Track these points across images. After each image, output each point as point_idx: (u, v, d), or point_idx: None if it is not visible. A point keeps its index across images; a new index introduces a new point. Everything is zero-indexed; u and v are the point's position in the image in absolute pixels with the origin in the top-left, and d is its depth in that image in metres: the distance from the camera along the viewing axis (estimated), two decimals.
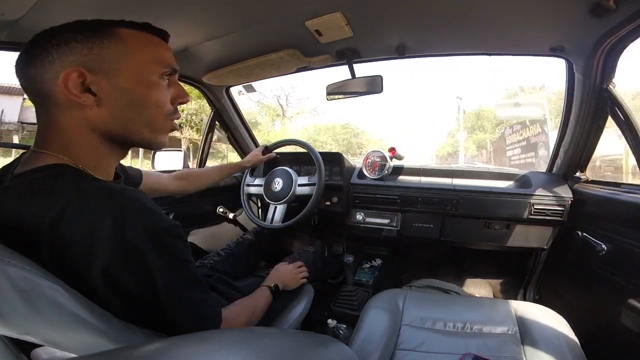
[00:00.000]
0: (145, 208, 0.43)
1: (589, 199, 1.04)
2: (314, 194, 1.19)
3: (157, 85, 0.48)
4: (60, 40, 0.42)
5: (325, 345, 0.36)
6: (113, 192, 0.42)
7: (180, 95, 0.51)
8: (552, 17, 0.80)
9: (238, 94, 1.51)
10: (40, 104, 0.45)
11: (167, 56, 0.49)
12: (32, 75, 0.43)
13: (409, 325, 0.85)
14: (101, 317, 0.38)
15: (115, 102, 0.45)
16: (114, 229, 0.39)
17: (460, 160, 16.94)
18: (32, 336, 0.36)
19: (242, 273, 0.99)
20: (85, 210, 0.39)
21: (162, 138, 0.51)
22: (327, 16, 0.82)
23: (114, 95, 0.45)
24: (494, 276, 1.54)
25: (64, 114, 0.44)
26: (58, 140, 0.44)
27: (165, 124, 0.50)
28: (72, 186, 0.41)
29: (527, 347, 0.75)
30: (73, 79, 0.41)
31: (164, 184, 0.92)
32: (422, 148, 23.73)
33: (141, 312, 0.43)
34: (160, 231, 0.43)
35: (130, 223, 0.40)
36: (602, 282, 0.91)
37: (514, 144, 12.77)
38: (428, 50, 1.07)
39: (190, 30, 0.89)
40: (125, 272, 0.40)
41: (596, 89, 0.92)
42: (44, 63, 0.42)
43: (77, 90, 0.42)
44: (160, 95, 0.48)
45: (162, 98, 0.48)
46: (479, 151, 18.94)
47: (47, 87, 0.42)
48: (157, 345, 0.28)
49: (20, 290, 0.32)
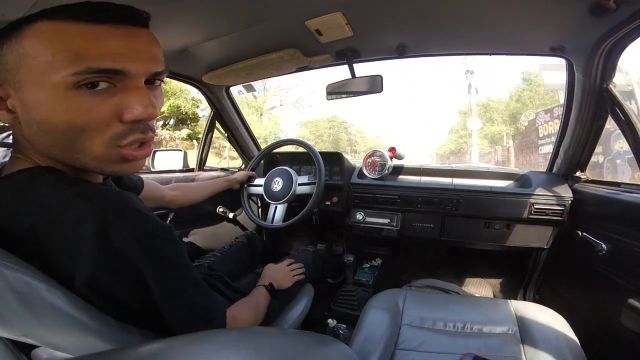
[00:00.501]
0: (132, 209, 0.38)
1: (589, 199, 1.04)
2: (314, 193, 1.19)
3: (69, 98, 0.34)
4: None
5: (325, 345, 0.36)
6: (94, 193, 0.37)
7: (126, 105, 0.36)
8: (552, 17, 0.79)
9: (238, 94, 1.50)
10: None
11: (94, 47, 0.33)
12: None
13: (409, 325, 0.85)
14: (98, 319, 0.38)
15: (27, 124, 0.36)
16: (98, 234, 0.35)
17: (473, 158, 13.79)
18: (30, 338, 0.36)
19: (238, 274, 0.99)
20: (64, 214, 0.35)
21: (117, 168, 0.39)
22: (327, 16, 0.82)
23: (24, 114, 0.36)
24: (494, 276, 1.54)
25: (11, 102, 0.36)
26: (25, 145, 0.40)
27: (110, 152, 0.38)
28: (47, 190, 0.37)
29: (527, 347, 0.75)
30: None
31: (160, 195, 0.92)
32: (419, 148, 23.34)
33: (139, 318, 0.41)
34: (150, 234, 0.39)
35: (116, 227, 0.35)
36: (602, 282, 0.91)
37: (552, 137, 8.64)
38: (428, 50, 1.07)
39: (190, 30, 0.89)
40: (114, 281, 0.37)
41: (596, 89, 0.92)
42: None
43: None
44: (78, 112, 0.34)
45: (85, 116, 0.35)
46: (492, 147, 15.72)
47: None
48: (157, 345, 0.28)
49: (18, 292, 0.32)
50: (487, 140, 15.98)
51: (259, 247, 1.17)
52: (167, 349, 0.27)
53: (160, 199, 0.92)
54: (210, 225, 1.45)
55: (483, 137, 15.77)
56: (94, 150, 0.37)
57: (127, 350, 0.29)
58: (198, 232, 1.37)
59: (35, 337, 0.36)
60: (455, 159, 18.43)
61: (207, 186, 1.16)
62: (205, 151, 1.49)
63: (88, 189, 0.38)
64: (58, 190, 0.37)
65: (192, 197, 1.07)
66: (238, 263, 1.05)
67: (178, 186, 1.05)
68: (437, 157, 20.49)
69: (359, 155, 14.83)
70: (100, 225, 0.34)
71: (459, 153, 18.38)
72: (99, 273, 0.35)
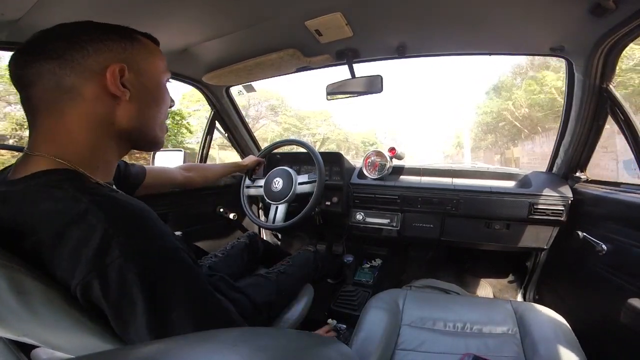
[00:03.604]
0: (142, 227, 0.40)
1: (589, 199, 1.04)
2: (315, 191, 1.19)
3: (166, 89, 0.53)
4: (94, 36, 0.43)
5: (325, 345, 0.36)
6: (109, 205, 0.39)
7: (172, 99, 0.56)
8: (552, 17, 0.80)
9: (238, 94, 1.50)
10: (47, 101, 0.42)
11: (166, 65, 0.54)
12: (50, 68, 0.41)
13: (409, 325, 0.85)
14: (98, 320, 0.38)
15: (142, 99, 0.48)
16: (100, 244, 0.36)
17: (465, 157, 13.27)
18: (31, 338, 0.36)
19: (239, 274, 0.99)
20: (78, 222, 0.37)
21: (163, 138, 0.54)
22: (327, 16, 0.82)
23: (142, 93, 0.48)
24: (494, 276, 1.54)
25: (85, 109, 0.43)
26: (60, 141, 0.43)
27: (165, 125, 0.55)
28: (68, 195, 0.39)
29: (527, 347, 0.75)
30: (115, 74, 0.44)
31: (171, 176, 0.94)
32: (421, 148, 23.00)
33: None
34: (155, 256, 0.39)
35: (117, 243, 0.36)
36: (602, 282, 0.91)
37: None
38: (428, 50, 1.07)
39: (190, 30, 0.89)
40: (100, 295, 0.36)
41: (596, 89, 0.92)
42: (75, 57, 0.42)
43: (117, 84, 0.44)
44: (168, 97, 0.53)
45: (168, 101, 0.53)
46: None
47: (71, 80, 0.42)
48: (157, 345, 0.28)
49: (18, 292, 0.32)
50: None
51: (260, 248, 1.17)
52: (167, 349, 0.27)
53: (171, 181, 0.93)
54: (210, 226, 1.45)
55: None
56: (164, 121, 0.53)
57: (127, 350, 0.29)
58: (198, 233, 1.37)
59: (36, 337, 0.36)
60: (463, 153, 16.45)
61: (219, 168, 1.19)
62: (205, 151, 1.49)
63: (108, 199, 0.40)
64: (77, 199, 0.39)
65: (209, 177, 1.10)
66: (239, 264, 1.05)
67: (192, 167, 1.06)
68: (443, 156, 19.14)
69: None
70: (104, 240, 0.36)
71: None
72: (90, 283, 0.35)
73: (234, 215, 1.50)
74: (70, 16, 0.46)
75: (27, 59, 0.42)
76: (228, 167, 1.22)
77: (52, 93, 0.42)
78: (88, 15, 0.46)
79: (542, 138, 11.72)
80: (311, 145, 1.31)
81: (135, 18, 0.75)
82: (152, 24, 0.80)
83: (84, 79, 0.42)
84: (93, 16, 0.46)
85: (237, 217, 1.52)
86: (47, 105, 0.43)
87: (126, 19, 0.70)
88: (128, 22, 0.49)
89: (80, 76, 0.42)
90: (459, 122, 13.92)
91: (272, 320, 0.84)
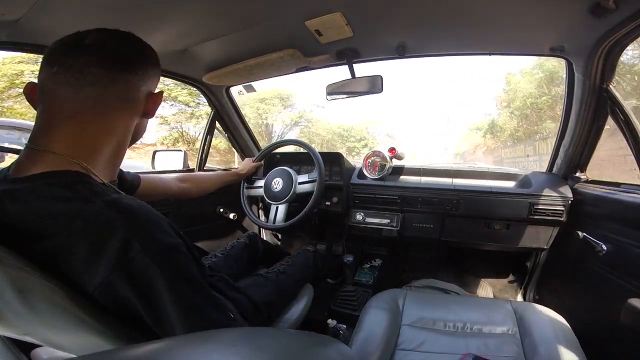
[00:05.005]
0: (154, 222, 0.42)
1: (589, 199, 1.04)
2: (315, 190, 1.19)
3: None
4: (154, 61, 0.51)
5: (325, 345, 0.36)
6: (121, 206, 0.41)
7: None
8: (552, 17, 0.80)
9: (238, 94, 1.51)
10: (92, 105, 0.44)
11: None
12: (130, 79, 0.47)
13: (409, 325, 0.85)
14: (101, 319, 0.38)
15: (150, 115, 0.53)
16: (121, 244, 0.38)
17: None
18: (32, 337, 0.36)
19: (239, 274, 0.99)
20: (96, 224, 0.39)
21: None
22: (327, 16, 0.82)
23: (152, 110, 0.53)
24: (494, 276, 1.54)
25: (127, 120, 0.49)
26: (82, 143, 0.44)
27: None
28: (80, 196, 0.40)
29: (527, 347, 0.76)
30: (161, 99, 0.52)
31: (166, 186, 0.92)
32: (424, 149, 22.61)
33: (146, 326, 0.41)
34: (169, 248, 0.42)
35: (139, 239, 0.39)
36: (602, 283, 0.91)
37: None
38: (428, 50, 1.07)
39: (190, 30, 0.89)
40: (129, 290, 0.38)
41: (596, 89, 0.92)
42: (142, 76, 0.48)
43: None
44: None
45: None
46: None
47: (136, 95, 0.48)
48: (157, 345, 0.28)
49: (20, 291, 0.32)
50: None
51: (260, 248, 1.17)
52: (167, 349, 0.27)
53: (165, 191, 0.92)
54: (210, 226, 1.45)
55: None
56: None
57: (127, 350, 0.29)
58: (198, 233, 1.37)
59: (37, 336, 0.36)
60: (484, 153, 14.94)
61: (216, 177, 1.17)
62: (205, 151, 1.49)
63: (122, 203, 0.42)
64: (90, 201, 0.40)
65: (205, 188, 1.09)
66: (239, 264, 1.05)
67: (187, 177, 1.04)
68: (455, 156, 17.56)
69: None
70: (125, 236, 0.38)
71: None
72: (116, 280, 0.37)
73: (234, 215, 1.50)
74: (70, 16, 0.46)
75: (97, 59, 0.44)
76: (225, 176, 1.21)
77: (111, 99, 0.45)
78: (88, 16, 0.46)
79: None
80: (311, 145, 1.31)
81: (135, 18, 0.75)
82: (152, 25, 0.80)
83: (140, 95, 0.49)
84: (93, 17, 0.46)
85: (237, 217, 1.52)
86: (87, 107, 0.44)
87: (127, 19, 0.71)
88: (129, 23, 0.49)
89: (140, 92, 0.48)
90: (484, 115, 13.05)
91: (272, 320, 0.84)
